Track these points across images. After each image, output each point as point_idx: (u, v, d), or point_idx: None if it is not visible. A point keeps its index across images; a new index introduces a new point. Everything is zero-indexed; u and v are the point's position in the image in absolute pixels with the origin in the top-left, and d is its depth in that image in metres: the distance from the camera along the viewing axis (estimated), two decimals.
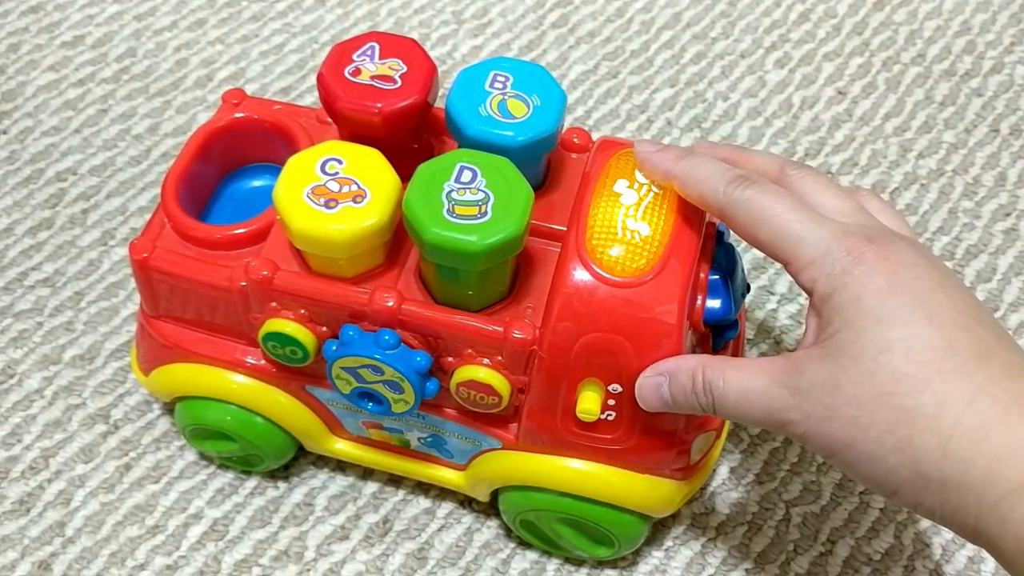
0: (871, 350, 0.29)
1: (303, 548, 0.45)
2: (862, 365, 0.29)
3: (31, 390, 0.49)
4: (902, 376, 0.28)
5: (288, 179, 0.35)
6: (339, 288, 0.37)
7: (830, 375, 0.29)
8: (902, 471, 0.28)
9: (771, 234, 0.32)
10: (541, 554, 0.46)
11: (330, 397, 0.42)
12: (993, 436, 0.27)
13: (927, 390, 0.28)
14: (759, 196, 0.32)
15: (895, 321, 0.29)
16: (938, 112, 0.61)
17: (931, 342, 0.28)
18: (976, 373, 0.28)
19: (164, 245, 0.39)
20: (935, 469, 0.28)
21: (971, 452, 0.27)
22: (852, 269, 0.30)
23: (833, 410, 0.29)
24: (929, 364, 0.28)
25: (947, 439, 0.27)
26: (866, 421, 0.29)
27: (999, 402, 0.28)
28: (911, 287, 0.29)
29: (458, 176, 0.35)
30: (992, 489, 0.27)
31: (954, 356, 0.28)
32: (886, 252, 0.30)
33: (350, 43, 0.39)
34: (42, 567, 0.44)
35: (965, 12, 0.66)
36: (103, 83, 0.60)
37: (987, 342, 0.29)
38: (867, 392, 0.29)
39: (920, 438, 0.28)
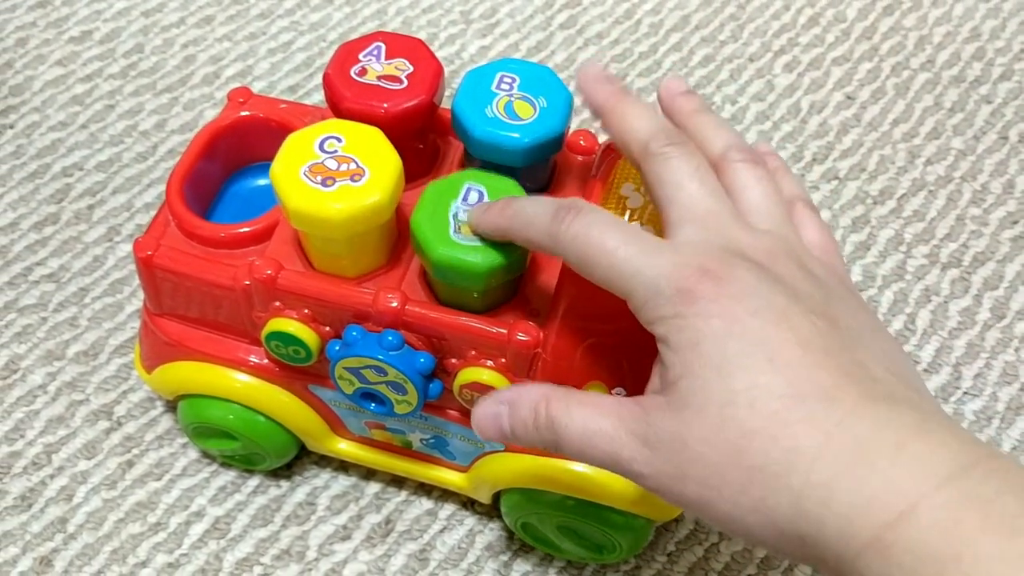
0: (715, 402, 0.27)
1: (305, 547, 0.45)
2: (707, 420, 0.27)
3: (34, 385, 0.49)
4: (748, 431, 0.26)
5: (286, 157, 0.35)
6: (343, 288, 0.37)
7: (676, 431, 0.27)
8: (760, 530, 0.27)
9: (603, 274, 0.29)
10: (543, 557, 0.45)
11: (333, 397, 0.41)
12: (840, 493, 0.25)
13: (775, 447, 0.26)
14: (585, 231, 0.29)
15: (735, 369, 0.27)
16: (947, 118, 0.61)
17: (775, 390, 0.26)
18: (824, 419, 0.26)
19: (168, 243, 0.39)
20: (791, 528, 0.26)
21: (822, 510, 0.25)
22: (685, 311, 0.27)
23: (683, 469, 0.27)
24: (775, 415, 0.26)
25: (798, 498, 0.26)
26: (717, 482, 0.27)
27: (846, 452, 0.26)
28: (749, 325, 0.27)
29: (465, 196, 0.35)
30: (845, 547, 0.25)
31: (800, 404, 0.26)
32: (722, 286, 0.27)
33: (356, 43, 0.39)
34: (43, 563, 0.44)
35: (975, 18, 0.66)
36: (110, 79, 0.60)
37: (836, 379, 0.27)
38: (715, 451, 0.27)
39: (773, 499, 0.26)
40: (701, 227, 0.30)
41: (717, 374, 0.27)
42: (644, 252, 0.29)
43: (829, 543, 0.25)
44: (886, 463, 0.25)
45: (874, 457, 0.25)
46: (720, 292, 0.27)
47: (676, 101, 0.34)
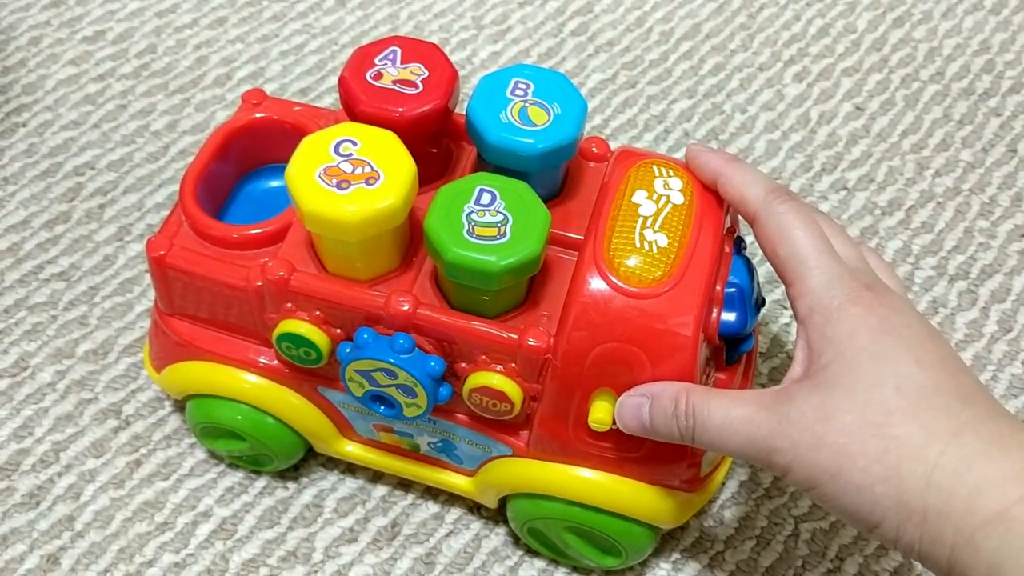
0: (863, 383, 0.30)
1: (311, 549, 0.45)
2: (854, 396, 0.30)
3: (44, 383, 0.49)
4: (892, 408, 0.29)
5: (301, 159, 0.35)
6: (355, 291, 0.37)
7: (821, 404, 0.30)
8: (886, 501, 0.29)
9: (788, 252, 0.33)
10: (549, 562, 0.45)
11: (342, 399, 0.42)
12: (975, 467, 0.28)
13: (915, 422, 0.29)
14: (793, 213, 0.34)
15: (887, 359, 0.30)
16: (956, 130, 0.61)
17: (919, 381, 0.30)
18: (961, 412, 0.29)
19: (181, 243, 0.40)
20: (918, 498, 0.29)
21: (953, 481, 0.28)
22: (849, 307, 0.31)
23: (822, 438, 0.30)
24: (918, 400, 0.30)
25: (932, 468, 0.29)
26: (855, 449, 0.29)
27: (982, 438, 0.29)
28: (902, 332, 0.31)
29: (478, 198, 0.35)
30: (969, 519, 0.28)
31: (941, 395, 0.30)
32: (881, 299, 0.32)
33: (372, 47, 0.39)
34: (50, 561, 0.44)
35: (985, 31, 0.66)
36: (123, 79, 0.60)
37: (970, 388, 0.30)
38: (857, 421, 0.30)
39: (907, 467, 0.29)
40: (854, 264, 0.34)
41: (869, 360, 0.30)
42: (828, 252, 0.33)
43: (952, 515, 0.28)
44: (1017, 453, 0.28)
45: (1007, 447, 0.29)
46: (880, 302, 0.32)
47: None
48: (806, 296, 0.33)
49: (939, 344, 0.32)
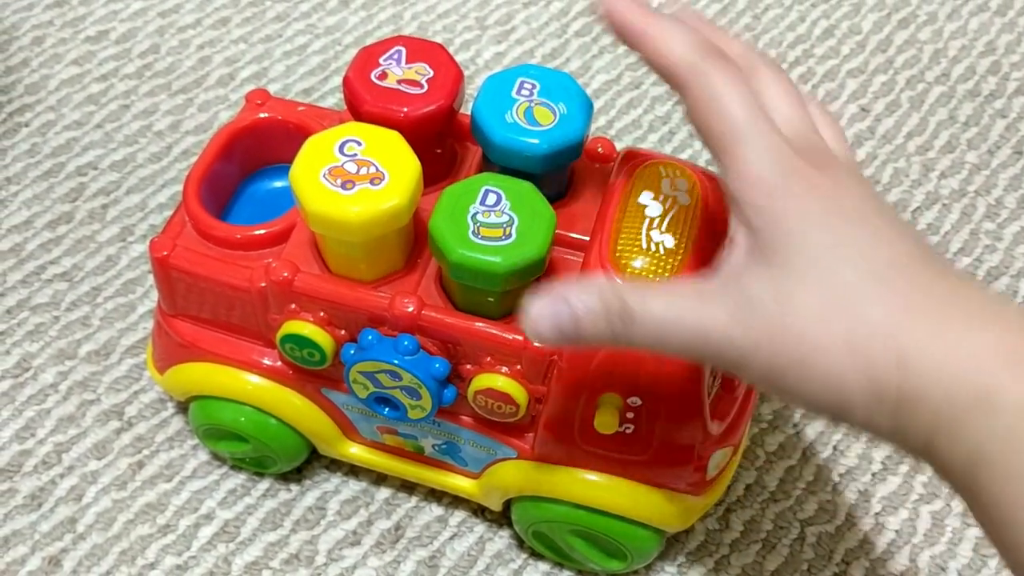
0: (822, 264, 0.27)
1: (314, 552, 0.45)
2: (813, 278, 0.27)
3: (46, 384, 0.49)
4: (856, 288, 0.26)
5: (305, 159, 0.35)
6: (359, 292, 0.37)
7: (778, 289, 0.27)
8: (856, 387, 0.26)
9: (719, 125, 0.29)
10: (553, 565, 0.45)
11: (346, 401, 0.41)
12: (952, 346, 0.25)
13: (882, 301, 0.26)
14: (722, 77, 0.29)
15: (843, 237, 0.27)
16: (961, 132, 0.61)
17: (881, 257, 0.27)
18: (930, 287, 0.27)
19: (184, 244, 0.39)
20: (892, 383, 0.26)
21: (929, 363, 0.25)
22: (793, 185, 0.28)
23: (784, 325, 0.27)
24: (882, 278, 0.27)
25: (905, 349, 0.26)
26: (819, 334, 0.26)
27: (960, 313, 0.26)
28: (856, 207, 0.28)
29: (483, 199, 0.35)
30: (948, 402, 0.25)
31: (906, 271, 0.27)
32: (828, 172, 0.29)
33: (377, 46, 0.39)
34: (52, 563, 0.44)
35: (990, 32, 0.66)
36: (126, 79, 0.60)
37: (935, 260, 0.28)
38: (820, 304, 0.27)
39: (877, 349, 0.26)
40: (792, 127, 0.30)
41: (824, 240, 0.27)
42: (764, 122, 0.29)
43: (929, 400, 0.25)
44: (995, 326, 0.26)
45: (987, 321, 0.26)
46: (826, 175, 0.28)
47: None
48: (744, 174, 0.28)
49: (893, 217, 0.28)
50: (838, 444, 0.49)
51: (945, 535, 0.47)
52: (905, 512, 0.47)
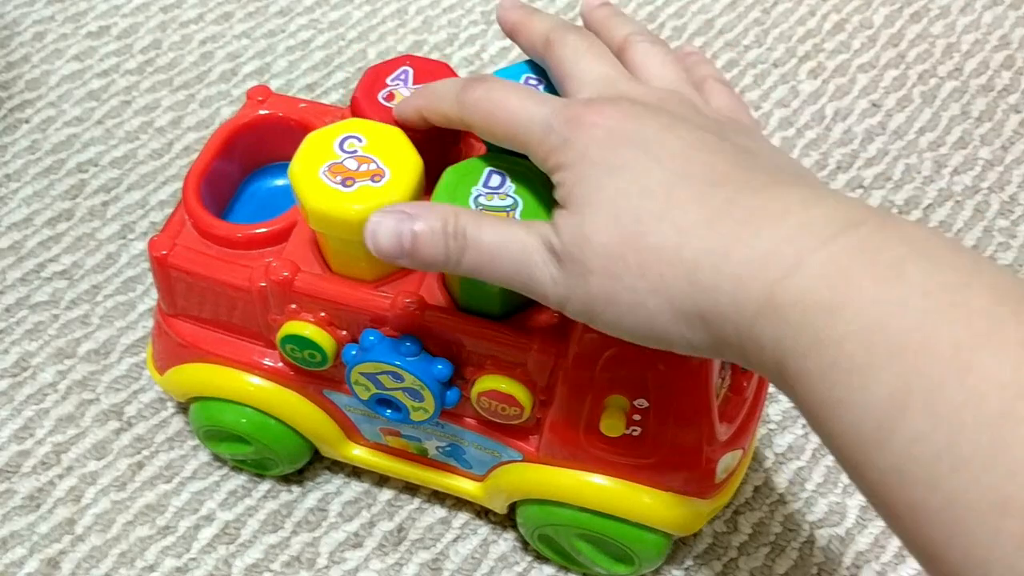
0: (607, 198, 0.28)
1: (315, 554, 0.44)
2: (603, 213, 0.28)
3: (45, 383, 0.48)
4: (641, 215, 0.27)
5: (305, 156, 0.34)
6: (361, 292, 0.36)
7: (578, 230, 0.28)
8: (662, 315, 0.27)
9: (504, 129, 0.31)
10: (559, 569, 0.45)
11: (348, 402, 0.41)
12: (733, 256, 0.26)
13: (666, 222, 0.27)
14: (486, 94, 0.31)
15: (625, 167, 0.28)
16: (974, 128, 0.60)
17: (661, 178, 0.28)
18: (712, 197, 0.27)
19: (184, 243, 0.39)
20: (690, 304, 0.26)
21: (715, 278, 0.26)
22: (572, 135, 0.29)
23: (586, 265, 0.28)
24: (665, 198, 0.27)
25: (692, 270, 0.26)
26: (618, 268, 0.27)
27: (736, 220, 0.26)
28: (634, 136, 0.28)
29: (487, 180, 0.34)
30: (740, 314, 0.26)
31: (689, 186, 0.27)
32: (605, 111, 0.29)
33: (384, 66, 0.39)
34: (50, 564, 0.44)
35: (1004, 26, 0.65)
36: (127, 74, 0.60)
37: (722, 168, 0.28)
38: (613, 238, 0.27)
39: (669, 274, 0.27)
40: (593, 88, 0.31)
41: (607, 172, 0.28)
42: (539, 101, 0.30)
43: (726, 314, 0.26)
44: (773, 228, 0.26)
45: (763, 224, 0.26)
46: (603, 114, 0.29)
47: (593, 12, 0.35)
48: (537, 151, 0.30)
49: (682, 133, 0.28)
50: None
51: None
52: None
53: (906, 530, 0.23)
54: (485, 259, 0.30)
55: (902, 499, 0.23)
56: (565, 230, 0.29)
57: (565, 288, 0.29)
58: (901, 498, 0.23)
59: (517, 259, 0.30)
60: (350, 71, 0.61)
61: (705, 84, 0.33)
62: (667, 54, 0.33)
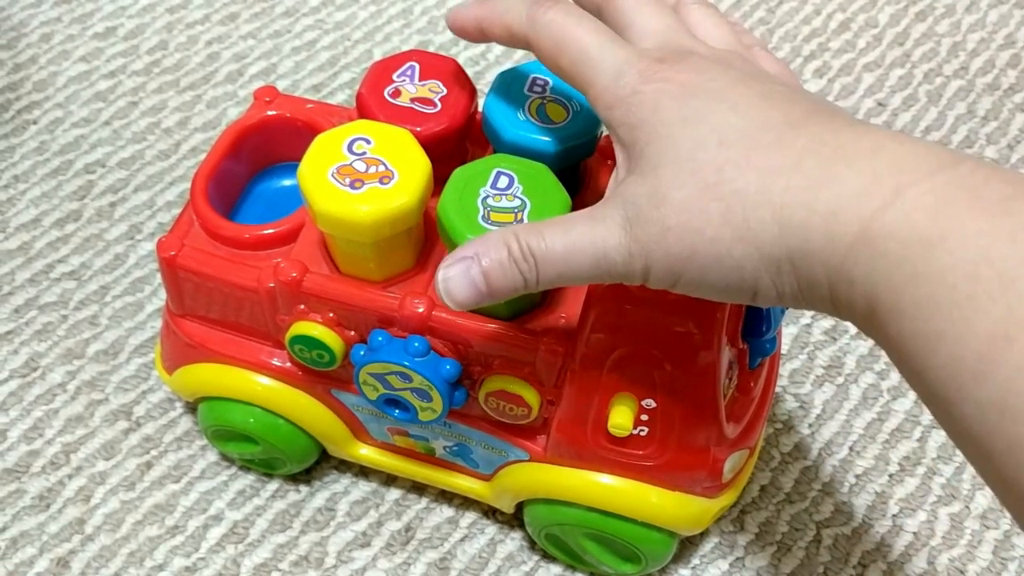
0: (684, 151, 0.27)
1: (323, 554, 0.45)
2: (679, 167, 0.27)
3: (54, 384, 0.49)
4: (721, 164, 0.26)
5: (313, 158, 0.34)
6: (369, 292, 0.36)
7: (653, 190, 0.27)
8: (749, 261, 0.26)
9: (571, 60, 0.30)
10: (565, 568, 0.45)
11: (356, 402, 0.41)
12: (823, 191, 0.25)
13: (748, 168, 0.26)
14: (562, 19, 0.30)
15: (700, 118, 0.27)
16: (980, 127, 0.60)
17: (740, 126, 0.27)
18: (794, 140, 0.26)
19: (192, 243, 0.39)
20: (779, 248, 0.26)
21: (805, 214, 0.25)
22: (642, 87, 0.28)
23: (664, 223, 0.27)
24: (745, 145, 0.27)
25: (779, 208, 0.26)
26: (699, 221, 0.27)
27: (823, 157, 0.26)
28: (709, 87, 0.28)
29: (494, 182, 0.34)
30: (833, 250, 0.25)
31: (767, 132, 0.27)
32: (678, 66, 0.28)
33: (390, 61, 0.38)
34: (60, 564, 0.44)
35: (1010, 25, 0.64)
36: (134, 75, 0.60)
37: (801, 112, 0.27)
38: (692, 192, 0.27)
39: (754, 217, 0.26)
40: (656, 38, 0.30)
41: (682, 126, 0.27)
42: (612, 43, 0.29)
43: (816, 252, 0.25)
44: (866, 162, 0.25)
45: (854, 159, 0.25)
46: (676, 68, 0.28)
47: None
48: (602, 96, 0.29)
49: (754, 84, 0.28)
50: (854, 445, 0.48)
51: (964, 538, 0.46)
52: (923, 514, 0.46)
53: (1003, 467, 0.23)
54: (561, 268, 0.29)
55: (1002, 434, 0.22)
56: (639, 196, 0.28)
57: (645, 258, 0.28)
58: (1001, 433, 0.22)
59: (593, 255, 0.28)
60: (356, 71, 0.61)
61: (753, 52, 0.32)
62: (721, 18, 0.32)
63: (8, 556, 0.44)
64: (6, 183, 0.55)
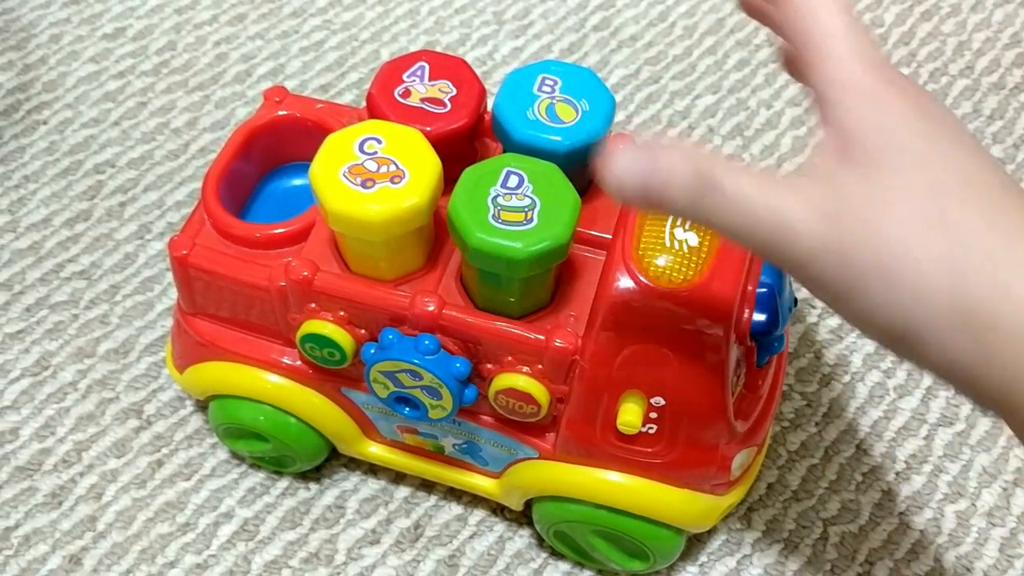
0: (927, 172, 0.26)
1: (333, 551, 0.45)
2: (916, 184, 0.26)
3: (65, 383, 0.49)
4: (961, 202, 0.25)
5: (325, 157, 0.35)
6: (379, 291, 0.37)
7: (876, 192, 0.26)
8: (941, 307, 0.25)
9: (812, 24, 0.28)
10: (573, 565, 0.45)
11: (366, 400, 0.41)
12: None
13: (987, 221, 0.25)
14: None
15: (945, 148, 0.26)
16: (986, 126, 0.60)
17: (983, 176, 0.26)
18: (1011, 200, 0.26)
19: (203, 242, 0.39)
20: (987, 311, 0.24)
21: (1011, 276, 0.24)
22: (885, 88, 0.27)
23: (879, 230, 0.25)
24: (988, 197, 0.26)
25: (1011, 277, 0.24)
26: (917, 243, 0.25)
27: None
28: (946, 120, 0.27)
29: (505, 181, 0.34)
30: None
31: (1008, 194, 0.26)
32: (913, 89, 0.28)
33: (400, 61, 0.39)
34: (73, 561, 0.44)
35: (1015, 24, 0.65)
36: (143, 76, 0.60)
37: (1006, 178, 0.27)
38: (920, 212, 0.25)
39: (977, 271, 0.25)
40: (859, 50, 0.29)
41: (924, 142, 0.26)
42: (859, 24, 0.28)
43: (1004, 312, 0.24)
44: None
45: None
46: (911, 84, 0.28)
47: None
48: (836, 74, 0.28)
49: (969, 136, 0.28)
50: (861, 443, 0.48)
51: (971, 535, 0.46)
52: (930, 512, 0.47)
53: None
54: (738, 222, 0.27)
55: None
56: (855, 184, 0.26)
57: (834, 245, 0.26)
58: None
59: (777, 215, 0.26)
60: (363, 72, 0.61)
61: None
62: None
63: (21, 553, 0.44)
64: (17, 183, 0.55)
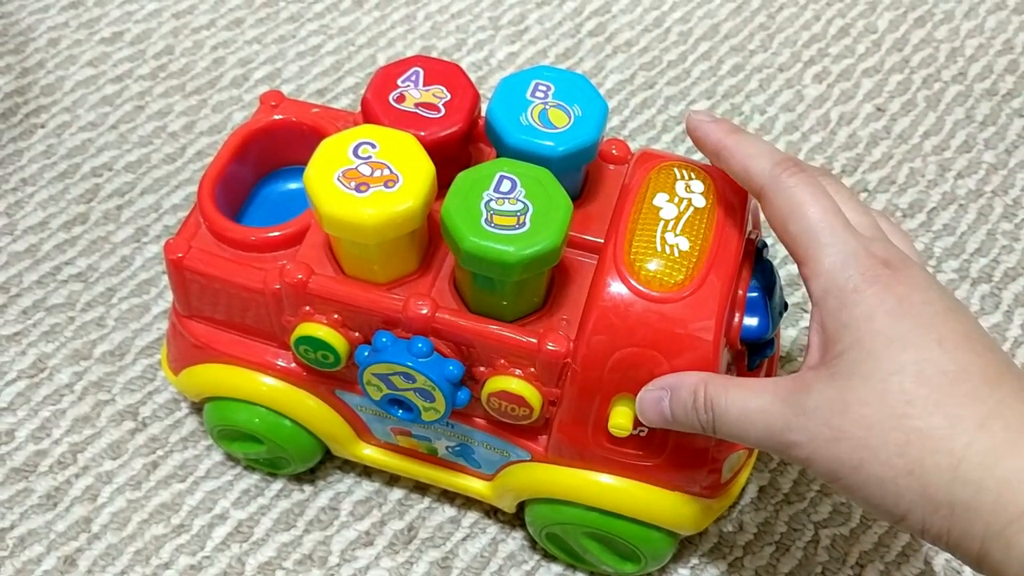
0: (882, 371, 0.29)
1: (327, 553, 0.45)
2: (872, 386, 0.29)
3: (61, 385, 0.49)
4: (913, 398, 0.28)
5: (320, 161, 0.35)
6: (373, 294, 0.37)
7: (839, 396, 0.29)
8: (911, 494, 0.28)
9: (800, 231, 0.32)
10: (566, 567, 0.45)
11: (359, 402, 0.41)
12: (1004, 459, 0.27)
13: (938, 412, 0.28)
14: (803, 187, 0.32)
15: (907, 344, 0.29)
16: (978, 132, 0.60)
17: (942, 366, 0.28)
18: (987, 397, 0.28)
19: (199, 245, 0.39)
20: (944, 492, 0.27)
21: (982, 475, 0.27)
22: (865, 288, 0.30)
23: (841, 431, 0.29)
24: (940, 387, 0.28)
25: (958, 461, 0.27)
26: (875, 442, 0.28)
27: (1011, 425, 0.27)
28: (922, 311, 0.29)
29: (497, 186, 0.34)
30: (1001, 513, 0.27)
31: (966, 380, 0.28)
32: (899, 276, 0.30)
33: (395, 67, 0.39)
34: (67, 562, 0.44)
35: (1008, 31, 0.65)
36: (140, 80, 0.60)
37: (997, 368, 0.29)
38: (877, 413, 0.28)
39: (931, 460, 0.28)
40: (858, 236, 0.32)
41: (888, 344, 0.29)
42: (843, 228, 0.31)
43: (981, 510, 0.27)
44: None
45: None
46: (898, 279, 0.30)
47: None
48: (820, 277, 0.31)
49: (962, 320, 0.30)
50: None
51: None
52: None
53: None
54: (734, 430, 0.32)
55: None
56: (822, 393, 0.30)
57: (811, 450, 0.30)
58: None
59: (763, 430, 0.31)
60: (359, 76, 0.61)
61: (882, 224, 0.34)
62: (852, 193, 0.34)
63: (16, 554, 0.45)
64: (14, 186, 0.56)
